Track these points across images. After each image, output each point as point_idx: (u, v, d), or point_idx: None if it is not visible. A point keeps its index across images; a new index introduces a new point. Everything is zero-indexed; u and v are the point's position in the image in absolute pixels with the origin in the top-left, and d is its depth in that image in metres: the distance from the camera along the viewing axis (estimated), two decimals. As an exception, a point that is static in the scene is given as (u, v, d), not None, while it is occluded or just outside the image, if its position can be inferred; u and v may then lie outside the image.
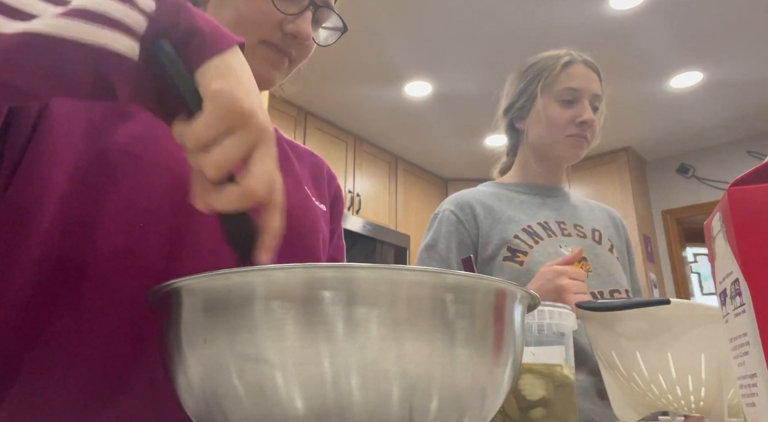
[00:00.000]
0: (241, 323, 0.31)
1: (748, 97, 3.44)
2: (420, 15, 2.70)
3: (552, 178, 1.22)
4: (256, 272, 0.32)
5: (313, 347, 0.30)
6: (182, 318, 0.34)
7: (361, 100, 3.47)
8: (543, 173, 1.20)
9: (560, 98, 1.14)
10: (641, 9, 2.65)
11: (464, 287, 0.33)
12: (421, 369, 0.31)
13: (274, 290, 0.31)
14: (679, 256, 4.10)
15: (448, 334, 0.32)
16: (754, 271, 0.30)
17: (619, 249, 1.20)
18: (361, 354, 0.30)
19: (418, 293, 0.32)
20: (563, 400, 0.57)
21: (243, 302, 0.31)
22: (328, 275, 0.31)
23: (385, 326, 0.31)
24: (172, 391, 0.37)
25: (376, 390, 0.31)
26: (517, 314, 0.38)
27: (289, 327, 0.30)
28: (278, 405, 0.31)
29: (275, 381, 0.30)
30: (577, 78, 1.15)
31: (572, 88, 1.14)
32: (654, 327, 0.68)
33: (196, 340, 0.33)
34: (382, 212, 3.93)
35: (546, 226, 1.13)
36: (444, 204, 1.19)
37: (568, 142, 1.13)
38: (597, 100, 1.16)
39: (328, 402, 0.30)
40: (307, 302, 0.30)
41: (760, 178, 0.31)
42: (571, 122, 1.12)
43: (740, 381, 0.33)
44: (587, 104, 1.13)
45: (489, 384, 0.35)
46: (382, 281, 0.31)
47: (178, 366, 0.34)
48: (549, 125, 1.14)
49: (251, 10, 0.63)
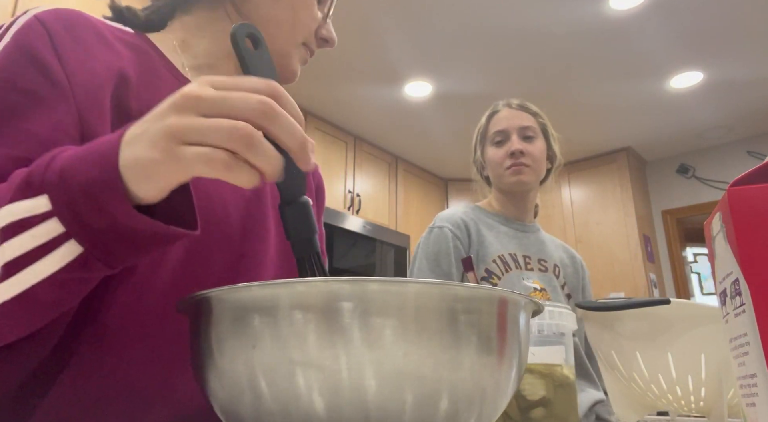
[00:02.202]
0: (292, 331, 0.33)
1: (748, 97, 3.44)
2: (420, 15, 2.70)
3: (519, 213, 1.40)
4: (306, 284, 0.34)
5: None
6: (227, 325, 0.36)
7: (361, 100, 3.47)
8: (510, 208, 1.40)
9: (493, 141, 1.38)
10: (641, 9, 2.65)
11: (471, 297, 0.35)
12: (431, 372, 0.33)
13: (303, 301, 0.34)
14: (679, 256, 4.10)
15: (455, 340, 0.34)
16: (754, 271, 0.30)
17: (572, 287, 1.39)
18: (375, 358, 0.32)
19: (427, 303, 0.34)
20: (563, 400, 0.57)
21: (299, 310, 0.33)
22: (346, 288, 0.33)
23: (396, 333, 0.33)
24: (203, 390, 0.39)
25: (389, 393, 0.33)
26: (522, 320, 0.39)
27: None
28: (298, 403, 0.33)
29: (298, 380, 0.33)
30: (501, 121, 1.38)
31: (499, 130, 1.37)
32: (654, 327, 0.68)
33: (245, 345, 0.34)
34: (382, 212, 3.93)
35: (514, 258, 1.30)
36: (440, 221, 1.35)
37: (508, 173, 1.34)
38: (528, 131, 1.36)
39: (345, 402, 0.33)
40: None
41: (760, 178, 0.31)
42: (506, 156, 1.34)
43: (740, 381, 0.33)
44: (515, 138, 1.35)
45: (494, 387, 0.36)
46: (392, 293, 0.33)
47: (223, 368, 0.36)
48: (492, 165, 1.38)
49: (305, 14, 0.67)
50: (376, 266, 3.66)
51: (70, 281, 0.39)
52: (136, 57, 0.59)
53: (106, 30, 0.58)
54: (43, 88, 0.48)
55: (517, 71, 3.17)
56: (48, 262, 0.37)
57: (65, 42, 0.51)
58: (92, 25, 0.56)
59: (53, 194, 0.37)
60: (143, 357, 0.52)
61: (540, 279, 1.29)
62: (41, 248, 0.37)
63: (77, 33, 0.53)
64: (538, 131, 1.37)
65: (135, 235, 0.38)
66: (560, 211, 4.22)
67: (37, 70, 0.48)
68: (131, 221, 0.37)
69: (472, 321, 0.34)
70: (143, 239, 0.39)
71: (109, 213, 0.37)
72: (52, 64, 0.49)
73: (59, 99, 0.48)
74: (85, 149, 0.39)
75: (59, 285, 0.38)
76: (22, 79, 0.48)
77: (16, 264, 0.37)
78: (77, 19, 0.55)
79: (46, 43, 0.50)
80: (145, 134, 0.36)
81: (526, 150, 1.33)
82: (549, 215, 4.24)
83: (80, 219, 0.37)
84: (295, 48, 0.68)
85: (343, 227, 3.44)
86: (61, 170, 0.37)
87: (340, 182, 3.61)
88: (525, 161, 1.33)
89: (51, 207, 0.37)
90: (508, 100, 1.41)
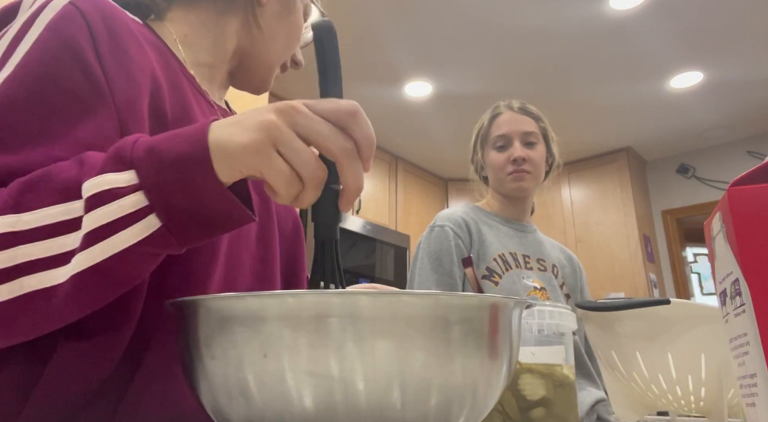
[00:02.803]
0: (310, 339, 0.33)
1: (748, 97, 3.44)
2: (420, 15, 2.70)
3: (517, 214, 1.41)
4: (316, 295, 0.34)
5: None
6: (216, 334, 0.36)
7: (361, 100, 3.45)
8: (509, 209, 1.41)
9: (495, 146, 1.38)
10: (641, 9, 2.65)
11: (462, 306, 0.36)
12: (421, 379, 0.34)
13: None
14: (679, 256, 4.10)
15: (446, 348, 0.34)
16: (754, 271, 0.30)
17: (570, 287, 1.40)
18: (365, 367, 0.33)
19: (418, 313, 0.34)
20: (563, 400, 0.57)
21: (316, 318, 0.34)
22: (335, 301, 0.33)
23: (386, 340, 0.33)
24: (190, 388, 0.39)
25: (380, 400, 0.33)
26: (514, 321, 0.40)
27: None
28: (290, 409, 0.34)
29: (290, 388, 0.33)
30: (503, 125, 1.38)
31: (501, 135, 1.37)
32: (654, 327, 0.68)
33: (257, 353, 0.34)
34: (382, 212, 3.93)
35: (514, 257, 1.32)
36: (441, 220, 1.36)
37: (510, 179, 1.35)
38: (530, 137, 1.37)
39: (338, 410, 0.33)
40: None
41: (760, 178, 0.31)
42: (507, 162, 1.35)
43: (740, 381, 0.33)
44: (518, 144, 1.35)
45: (485, 387, 0.37)
46: (382, 306, 0.33)
47: (219, 370, 0.36)
48: (493, 169, 1.39)
49: (296, 36, 0.73)
50: (376, 266, 3.66)
51: (141, 256, 0.39)
52: (157, 55, 0.57)
53: (131, 23, 0.55)
54: (84, 90, 0.46)
55: (517, 71, 3.17)
56: (127, 234, 0.38)
57: (104, 40, 0.49)
58: (123, 18, 0.53)
59: (142, 167, 0.38)
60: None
61: (540, 278, 1.31)
62: (123, 220, 0.38)
63: (114, 29, 0.51)
64: (540, 136, 1.39)
65: (212, 212, 0.39)
66: (560, 211, 4.22)
67: (80, 70, 0.46)
68: (216, 195, 0.38)
69: (464, 330, 0.35)
70: (218, 217, 0.40)
71: (195, 187, 0.38)
72: (93, 65, 0.47)
73: (100, 104, 0.47)
74: (170, 132, 0.40)
75: (132, 260, 0.39)
76: (63, 77, 0.46)
77: (96, 235, 0.37)
78: (112, 11, 0.52)
79: (87, 40, 0.48)
80: (241, 123, 0.38)
81: (528, 157, 1.34)
82: (549, 215, 4.24)
83: (165, 193, 0.38)
84: (278, 64, 0.73)
85: (343, 227, 3.43)
86: (148, 147, 0.38)
87: (340, 182, 3.61)
88: (527, 167, 1.34)
89: (138, 181, 0.38)
90: (509, 102, 1.42)
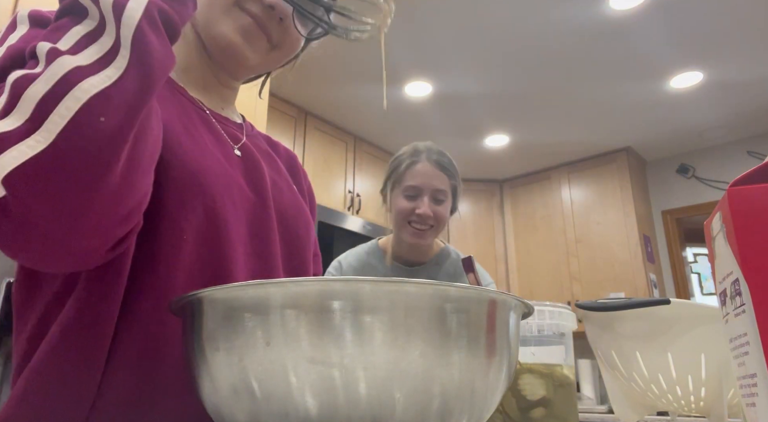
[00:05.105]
0: (311, 329, 0.33)
1: (748, 97, 3.44)
2: (420, 15, 2.70)
3: (416, 255, 1.44)
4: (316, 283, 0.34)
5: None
6: (220, 325, 0.36)
7: (361, 100, 3.47)
8: (407, 251, 1.43)
9: (404, 193, 1.38)
10: (641, 9, 2.65)
11: (460, 297, 0.36)
12: (420, 369, 0.33)
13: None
14: (679, 256, 4.10)
15: (444, 338, 0.34)
16: (754, 271, 0.30)
17: None
18: (366, 355, 0.32)
19: (418, 303, 0.34)
20: (563, 400, 0.57)
21: (322, 309, 0.34)
22: (338, 287, 0.33)
23: (386, 331, 0.33)
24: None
25: (380, 389, 0.33)
26: (512, 321, 0.40)
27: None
28: (290, 401, 0.33)
29: (291, 379, 0.33)
30: (417, 177, 1.37)
31: (413, 185, 1.37)
32: (654, 327, 0.68)
33: (260, 343, 0.34)
34: (382, 212, 3.92)
35: None
36: (342, 256, 1.48)
37: (410, 230, 1.37)
38: (440, 194, 1.37)
39: (338, 398, 0.33)
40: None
41: (760, 178, 0.31)
42: (412, 212, 1.36)
43: (740, 381, 0.33)
44: (426, 200, 1.35)
45: (484, 384, 0.36)
46: (383, 293, 0.33)
47: (223, 361, 0.36)
48: (396, 213, 1.39)
49: None
50: (376, 266, 3.66)
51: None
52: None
53: None
54: None
55: (516, 71, 3.17)
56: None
57: None
58: None
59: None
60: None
61: None
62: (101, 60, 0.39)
63: None
64: (449, 193, 1.39)
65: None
66: (560, 211, 4.22)
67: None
68: None
69: (459, 319, 0.35)
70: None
71: None
72: None
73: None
74: None
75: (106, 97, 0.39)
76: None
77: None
78: None
79: None
80: None
81: (435, 213, 1.35)
82: (549, 215, 4.24)
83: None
84: (221, 10, 0.57)
85: (343, 227, 3.43)
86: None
87: (340, 182, 3.61)
88: (431, 222, 1.35)
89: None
90: (428, 151, 1.41)
